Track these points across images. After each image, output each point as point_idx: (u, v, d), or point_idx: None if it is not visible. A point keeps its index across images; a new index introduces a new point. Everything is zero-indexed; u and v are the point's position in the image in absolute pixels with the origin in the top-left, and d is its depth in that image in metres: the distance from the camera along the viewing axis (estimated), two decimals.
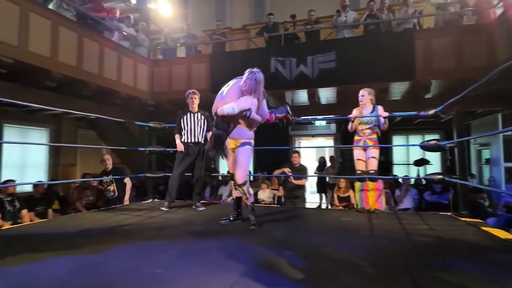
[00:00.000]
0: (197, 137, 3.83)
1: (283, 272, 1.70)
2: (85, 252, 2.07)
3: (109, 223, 3.02)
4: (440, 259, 1.96)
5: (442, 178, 3.23)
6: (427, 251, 2.15)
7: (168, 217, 3.38)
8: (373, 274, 1.70)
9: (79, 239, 2.42)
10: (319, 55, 5.85)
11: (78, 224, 2.98)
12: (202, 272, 1.70)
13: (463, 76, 5.31)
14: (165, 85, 6.94)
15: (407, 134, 10.77)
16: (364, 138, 3.62)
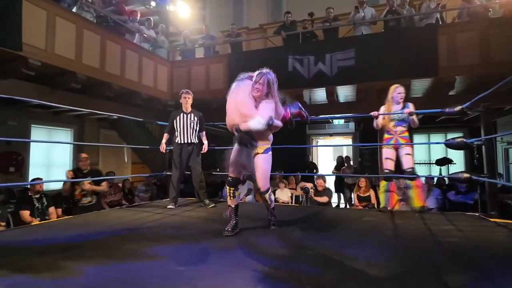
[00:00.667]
0: (189, 137, 3.84)
1: (307, 273, 1.69)
2: (108, 249, 2.12)
3: (131, 220, 3.09)
4: (472, 262, 1.89)
5: (469, 177, 3.12)
6: (456, 253, 2.08)
7: (188, 215, 3.43)
8: (402, 277, 1.66)
9: (104, 239, 2.49)
10: (338, 52, 5.77)
11: (103, 221, 3.07)
12: (225, 271, 1.71)
13: (489, 72, 5.12)
14: (184, 85, 7.01)
15: (429, 133, 10.47)
16: (395, 137, 3.53)
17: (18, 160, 6.31)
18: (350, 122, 9.07)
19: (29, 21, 4.06)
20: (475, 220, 3.08)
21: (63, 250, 2.06)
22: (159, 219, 3.21)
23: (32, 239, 2.36)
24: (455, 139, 3.29)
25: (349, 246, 2.18)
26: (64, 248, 2.10)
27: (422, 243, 2.30)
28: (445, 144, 3.39)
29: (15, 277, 1.60)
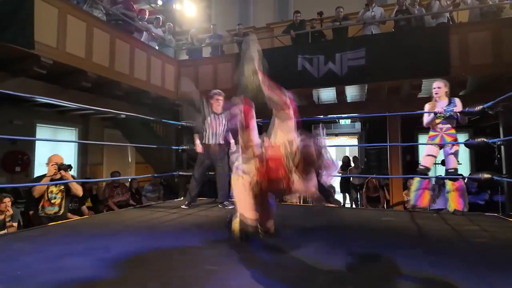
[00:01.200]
0: (219, 139, 3.79)
1: (342, 274, 1.66)
2: (135, 247, 2.08)
3: (148, 220, 3.05)
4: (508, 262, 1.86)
5: (490, 177, 3.09)
6: (489, 254, 2.05)
7: (205, 215, 3.38)
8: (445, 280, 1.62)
9: (128, 236, 2.44)
10: (348, 52, 5.74)
11: (121, 220, 3.02)
12: (255, 271, 1.67)
13: (501, 72, 5.11)
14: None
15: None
16: (441, 134, 3.46)
17: (24, 160, 6.24)
18: (357, 122, 9.05)
19: (41, 19, 4.00)
20: (496, 221, 3.05)
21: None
22: (176, 218, 3.16)
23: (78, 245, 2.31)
24: (475, 139, 3.26)
25: (377, 247, 2.14)
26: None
27: (453, 244, 2.27)
28: (465, 144, 3.36)
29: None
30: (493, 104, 3.09)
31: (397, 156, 6.11)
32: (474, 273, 1.64)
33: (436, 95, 3.49)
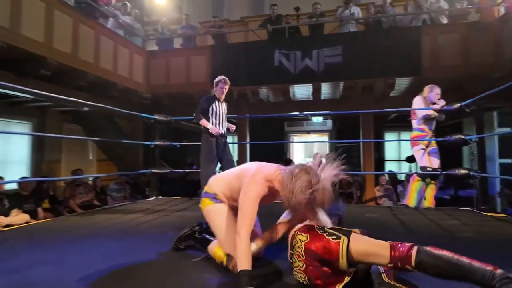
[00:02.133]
0: (223, 127, 3.68)
1: None
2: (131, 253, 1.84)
3: (123, 222, 2.77)
4: (503, 256, 1.88)
5: (467, 173, 3.19)
6: (478, 248, 2.07)
7: (182, 215, 3.16)
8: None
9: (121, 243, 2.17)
10: (325, 49, 5.73)
11: (93, 223, 2.71)
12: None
13: (469, 73, 5.38)
14: (162, 77, 6.62)
15: (399, 131, 10.94)
16: (429, 135, 3.54)
17: None
18: (328, 120, 9.17)
19: None
20: (472, 215, 3.16)
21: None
22: (154, 219, 2.91)
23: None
24: (453, 136, 3.36)
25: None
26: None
27: (443, 240, 2.28)
28: (444, 141, 3.45)
29: None
30: (470, 102, 3.19)
31: (370, 153, 6.25)
32: None
33: (438, 100, 3.54)
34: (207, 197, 1.74)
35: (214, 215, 1.69)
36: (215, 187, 1.75)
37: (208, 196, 1.73)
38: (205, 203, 1.74)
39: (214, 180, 1.81)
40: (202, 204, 1.75)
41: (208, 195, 1.74)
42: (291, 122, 9.18)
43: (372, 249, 1.23)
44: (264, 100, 6.87)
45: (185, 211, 3.43)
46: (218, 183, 1.76)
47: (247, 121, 6.52)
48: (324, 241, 1.27)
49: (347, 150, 9.35)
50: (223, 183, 1.74)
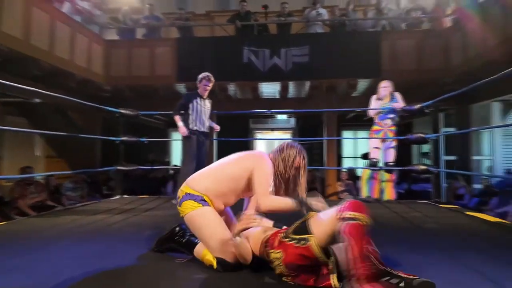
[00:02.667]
0: (204, 125, 3.56)
1: None
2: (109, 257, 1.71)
3: (91, 223, 2.58)
4: (469, 244, 2.09)
5: (426, 168, 3.48)
6: (448, 238, 2.27)
7: (155, 214, 3.04)
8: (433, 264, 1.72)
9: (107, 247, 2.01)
10: (293, 48, 5.85)
11: (55, 224, 2.49)
12: (238, 276, 1.53)
13: (422, 77, 5.84)
14: (124, 69, 6.26)
15: (356, 130, 11.56)
16: (385, 130, 3.68)
17: None
18: (292, 118, 9.38)
19: None
20: (431, 207, 3.45)
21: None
22: (124, 219, 2.75)
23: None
24: (414, 135, 3.64)
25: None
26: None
27: (411, 231, 2.46)
28: (406, 139, 3.72)
29: None
30: (430, 104, 3.48)
31: (333, 150, 6.52)
32: (448, 257, 1.77)
33: (383, 94, 3.74)
34: (191, 199, 1.59)
35: (203, 220, 1.56)
36: (200, 187, 1.62)
37: (193, 199, 1.59)
38: (188, 207, 1.58)
39: (196, 180, 1.67)
40: (184, 207, 1.59)
41: (192, 197, 1.59)
42: (256, 120, 9.24)
43: (331, 228, 1.29)
44: (232, 96, 6.83)
45: (155, 210, 3.30)
46: (203, 182, 1.64)
47: (215, 117, 6.42)
48: (298, 249, 1.32)
49: (309, 148, 9.72)
50: (210, 180, 1.64)
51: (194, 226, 1.60)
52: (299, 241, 1.33)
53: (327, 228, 1.30)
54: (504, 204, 4.64)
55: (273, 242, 1.42)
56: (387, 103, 3.76)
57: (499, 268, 1.61)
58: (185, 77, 6.06)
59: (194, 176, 1.73)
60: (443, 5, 6.03)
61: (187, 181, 1.70)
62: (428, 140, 3.57)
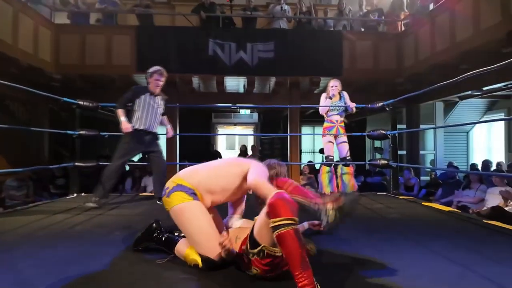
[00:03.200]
0: (152, 125, 3.19)
1: None
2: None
3: (52, 224, 2.36)
4: (431, 231, 2.28)
5: (387, 163, 3.73)
6: (413, 226, 2.46)
7: (127, 214, 2.87)
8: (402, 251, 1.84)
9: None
10: (259, 43, 5.85)
11: (10, 228, 2.22)
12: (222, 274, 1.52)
13: (377, 77, 6.22)
14: (76, 56, 5.76)
15: (314, 125, 11.99)
16: (336, 126, 3.80)
17: None
18: (254, 113, 9.42)
19: None
20: (390, 199, 3.71)
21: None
22: (89, 219, 2.55)
23: None
24: (376, 131, 3.86)
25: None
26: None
27: (378, 221, 2.62)
28: (367, 135, 3.94)
29: None
30: (392, 102, 3.71)
31: (296, 145, 6.68)
32: (416, 244, 1.92)
33: (333, 91, 3.82)
34: (182, 191, 1.53)
35: (192, 214, 1.52)
36: (193, 180, 1.58)
37: (184, 191, 1.53)
38: (177, 199, 1.52)
39: (188, 173, 1.64)
40: (173, 199, 1.53)
41: (184, 188, 1.54)
42: (218, 114, 9.14)
43: (270, 233, 1.25)
44: (196, 89, 6.65)
45: (120, 208, 3.12)
46: (195, 176, 1.61)
47: (177, 111, 6.21)
48: (263, 261, 1.32)
49: (270, 142, 9.88)
50: (203, 175, 1.62)
51: (181, 220, 1.54)
52: (259, 254, 1.33)
53: (268, 232, 1.26)
54: (448, 194, 5.16)
55: (242, 260, 1.44)
56: (336, 101, 3.86)
57: (463, 252, 1.78)
58: (146, 67, 5.73)
59: (187, 169, 1.70)
60: (397, 10, 6.45)
61: (179, 173, 1.66)
62: (389, 136, 3.82)
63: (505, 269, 1.53)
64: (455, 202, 4.70)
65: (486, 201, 4.33)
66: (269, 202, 1.24)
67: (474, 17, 4.36)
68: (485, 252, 1.80)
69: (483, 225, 2.46)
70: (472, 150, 8.67)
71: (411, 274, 1.45)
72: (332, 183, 3.86)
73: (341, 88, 3.87)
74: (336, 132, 3.78)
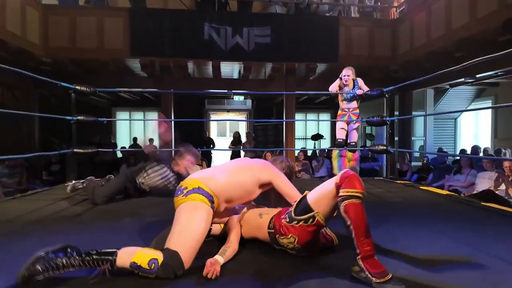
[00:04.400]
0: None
1: None
2: None
3: (59, 211, 2.34)
4: (434, 214, 2.37)
5: (385, 148, 3.81)
6: (415, 209, 2.55)
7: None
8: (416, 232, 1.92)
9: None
10: (255, 28, 5.77)
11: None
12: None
13: (372, 63, 6.26)
14: (67, 38, 5.56)
15: (306, 112, 12.05)
16: (348, 113, 3.87)
17: None
18: (248, 99, 9.37)
19: None
20: (388, 183, 3.80)
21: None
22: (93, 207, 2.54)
23: None
24: (375, 117, 3.92)
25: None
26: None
27: (381, 205, 2.70)
28: (367, 121, 4.00)
29: None
30: (392, 89, 3.76)
31: (292, 131, 6.72)
32: (420, 226, 2.01)
33: (346, 82, 3.93)
34: (203, 194, 1.46)
35: (199, 217, 1.41)
36: (215, 187, 1.51)
37: (205, 195, 1.46)
38: (195, 199, 1.45)
39: (209, 178, 1.55)
40: (190, 198, 1.44)
41: (204, 193, 1.47)
42: (212, 100, 9.05)
43: (330, 202, 1.36)
44: (190, 75, 6.55)
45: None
46: (216, 182, 1.53)
47: (172, 96, 6.13)
48: (309, 228, 1.39)
49: (264, 129, 9.89)
50: (223, 183, 1.55)
51: (185, 214, 1.42)
52: (307, 221, 1.38)
53: (327, 202, 1.36)
54: (439, 178, 5.34)
55: (279, 228, 1.46)
56: (350, 90, 3.98)
57: (468, 233, 1.87)
58: (139, 51, 5.63)
59: (201, 173, 1.63)
60: None
61: (195, 176, 1.58)
62: (388, 122, 3.90)
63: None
64: (446, 187, 4.87)
65: (476, 185, 4.52)
66: (345, 175, 1.32)
67: (471, 5, 4.42)
68: (488, 232, 1.89)
69: (481, 207, 2.57)
70: (460, 136, 8.94)
71: (422, 254, 1.51)
72: (342, 166, 3.96)
73: (355, 76, 3.92)
74: (348, 119, 3.86)
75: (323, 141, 10.68)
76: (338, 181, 1.33)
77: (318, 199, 1.39)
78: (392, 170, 4.22)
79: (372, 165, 6.56)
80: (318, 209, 1.37)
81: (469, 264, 1.43)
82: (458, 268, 1.39)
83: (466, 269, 1.38)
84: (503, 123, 7.23)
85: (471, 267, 1.40)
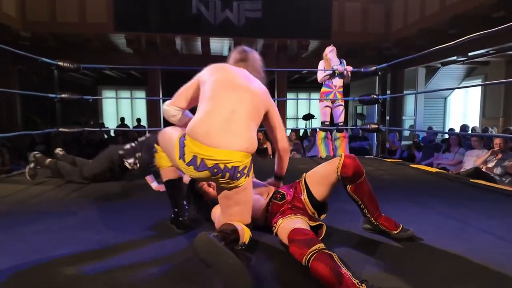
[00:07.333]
0: None
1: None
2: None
3: (53, 197, 2.26)
4: (425, 191, 2.39)
5: (377, 127, 3.80)
6: (406, 187, 2.57)
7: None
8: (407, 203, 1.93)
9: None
10: (246, 1, 5.55)
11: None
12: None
13: (366, 40, 6.16)
14: (46, 13, 5.26)
15: (297, 92, 11.94)
16: (334, 91, 3.77)
17: None
18: None
19: None
20: (379, 161, 3.83)
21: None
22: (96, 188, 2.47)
23: None
24: (368, 96, 3.88)
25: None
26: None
27: (372, 183, 2.70)
28: (359, 100, 3.95)
29: None
30: (385, 66, 3.70)
31: (284, 111, 6.65)
32: (412, 202, 2.02)
33: (332, 57, 3.81)
34: (251, 169, 1.35)
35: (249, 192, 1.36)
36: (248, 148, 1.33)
37: (251, 169, 1.35)
38: (251, 175, 1.37)
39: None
40: (241, 181, 1.28)
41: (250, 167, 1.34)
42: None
43: (329, 185, 1.42)
44: (178, 51, 6.33)
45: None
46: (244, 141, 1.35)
47: (159, 73, 5.94)
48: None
49: None
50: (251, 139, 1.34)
51: (248, 191, 1.36)
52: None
53: (324, 189, 1.45)
54: (428, 157, 5.41)
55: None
56: (339, 65, 3.86)
57: (459, 209, 1.89)
58: (124, 26, 5.38)
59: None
60: None
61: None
62: (380, 100, 3.86)
63: (502, 222, 1.64)
64: (435, 165, 4.94)
65: (463, 163, 4.58)
66: (344, 161, 1.34)
67: None
68: (479, 208, 1.91)
69: (470, 184, 2.61)
70: (449, 115, 9.04)
71: (415, 229, 1.51)
72: (328, 148, 3.92)
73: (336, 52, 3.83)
74: (333, 97, 3.77)
75: (314, 120, 10.67)
76: (339, 173, 1.35)
77: (316, 182, 1.47)
78: (383, 149, 4.23)
79: (362, 144, 6.59)
80: (313, 191, 1.46)
81: (458, 237, 1.44)
82: (447, 240, 1.40)
83: (455, 241, 1.40)
84: (491, 102, 7.31)
85: (460, 240, 1.41)
